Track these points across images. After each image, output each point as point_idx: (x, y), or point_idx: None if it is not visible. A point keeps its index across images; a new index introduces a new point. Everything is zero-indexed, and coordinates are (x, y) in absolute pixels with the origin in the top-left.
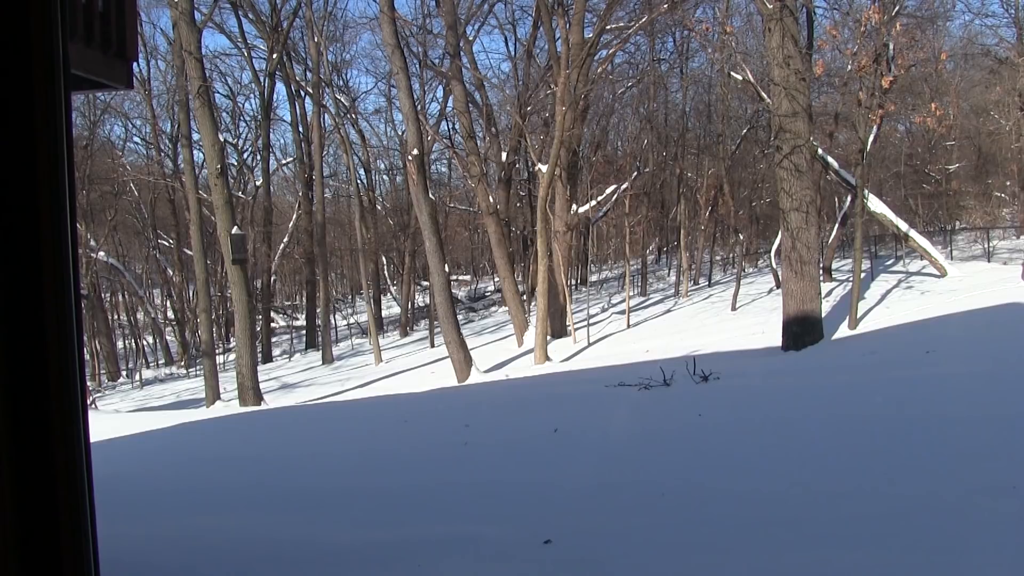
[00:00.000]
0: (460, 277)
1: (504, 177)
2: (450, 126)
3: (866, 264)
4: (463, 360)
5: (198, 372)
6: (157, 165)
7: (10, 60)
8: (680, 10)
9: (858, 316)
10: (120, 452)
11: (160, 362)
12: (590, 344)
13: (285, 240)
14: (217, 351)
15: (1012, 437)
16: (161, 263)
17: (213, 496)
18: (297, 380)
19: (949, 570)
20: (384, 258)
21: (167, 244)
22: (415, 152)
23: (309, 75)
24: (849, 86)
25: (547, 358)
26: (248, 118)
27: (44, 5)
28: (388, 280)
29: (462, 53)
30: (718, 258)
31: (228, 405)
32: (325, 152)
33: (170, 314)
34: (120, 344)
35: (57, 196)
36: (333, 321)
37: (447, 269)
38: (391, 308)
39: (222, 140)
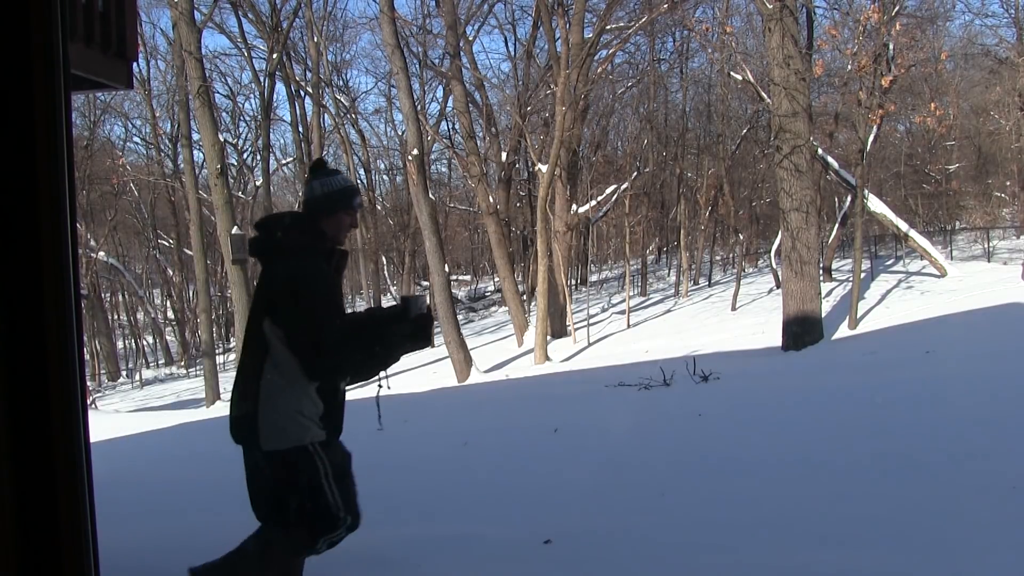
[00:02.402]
0: (460, 277)
1: (504, 177)
2: (450, 126)
3: (866, 264)
4: (463, 360)
5: (198, 372)
6: (157, 165)
7: (10, 60)
8: (680, 10)
9: (858, 316)
10: (120, 452)
11: (160, 362)
12: (590, 344)
13: None
14: (217, 351)
15: (1012, 437)
16: (161, 263)
17: (213, 496)
18: None
19: (949, 570)
20: (384, 258)
21: (167, 244)
22: (415, 152)
23: (309, 75)
24: (849, 86)
25: (547, 358)
26: (248, 118)
27: (44, 5)
28: (388, 280)
29: (462, 53)
30: (718, 258)
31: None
32: (325, 152)
33: (170, 314)
34: (120, 344)
35: (57, 196)
36: None
37: (447, 269)
38: None
39: (222, 140)
